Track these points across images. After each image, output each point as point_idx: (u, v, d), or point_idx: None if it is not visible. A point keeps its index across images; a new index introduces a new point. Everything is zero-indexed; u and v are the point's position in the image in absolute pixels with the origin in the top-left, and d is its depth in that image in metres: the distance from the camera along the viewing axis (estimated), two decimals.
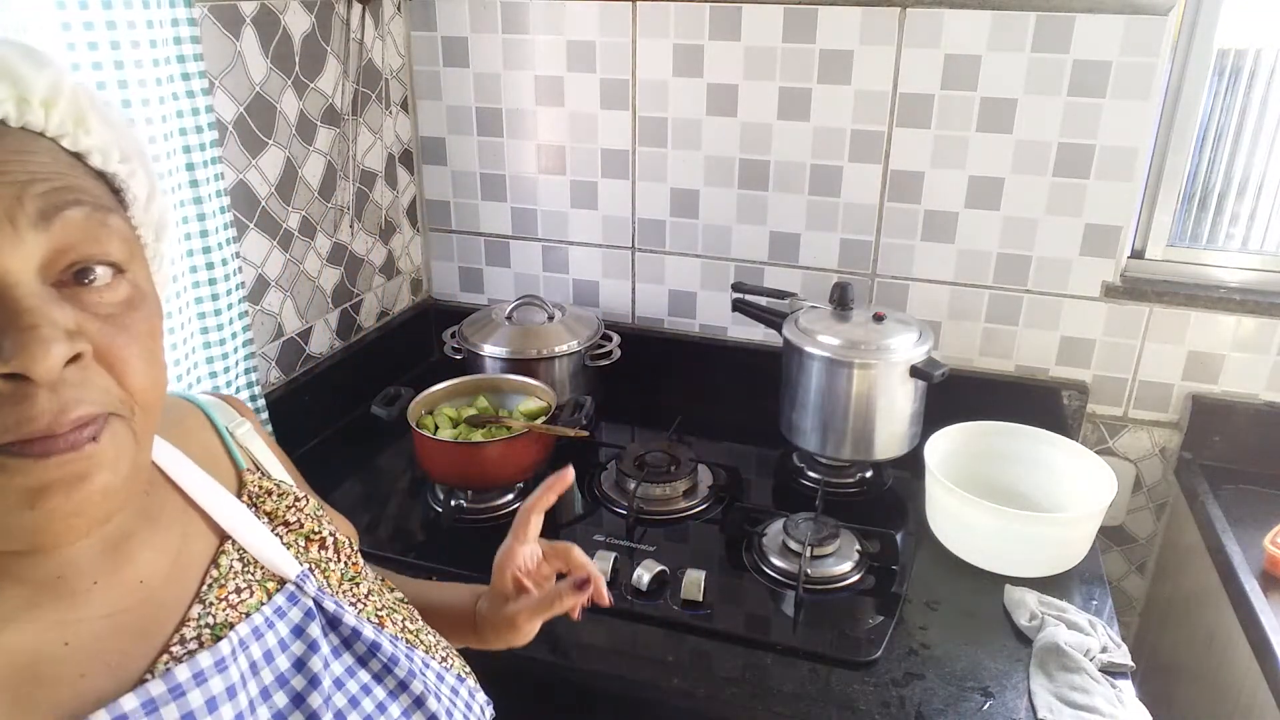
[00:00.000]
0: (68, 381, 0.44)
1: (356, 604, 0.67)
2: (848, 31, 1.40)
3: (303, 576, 0.63)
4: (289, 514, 0.68)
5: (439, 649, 0.71)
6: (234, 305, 1.19)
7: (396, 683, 0.63)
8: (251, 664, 0.56)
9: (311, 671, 0.58)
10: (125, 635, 0.53)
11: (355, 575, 0.70)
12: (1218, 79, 1.38)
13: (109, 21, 0.96)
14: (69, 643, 0.50)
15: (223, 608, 0.57)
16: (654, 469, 1.33)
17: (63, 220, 0.45)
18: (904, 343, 1.29)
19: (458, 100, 1.66)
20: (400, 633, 0.67)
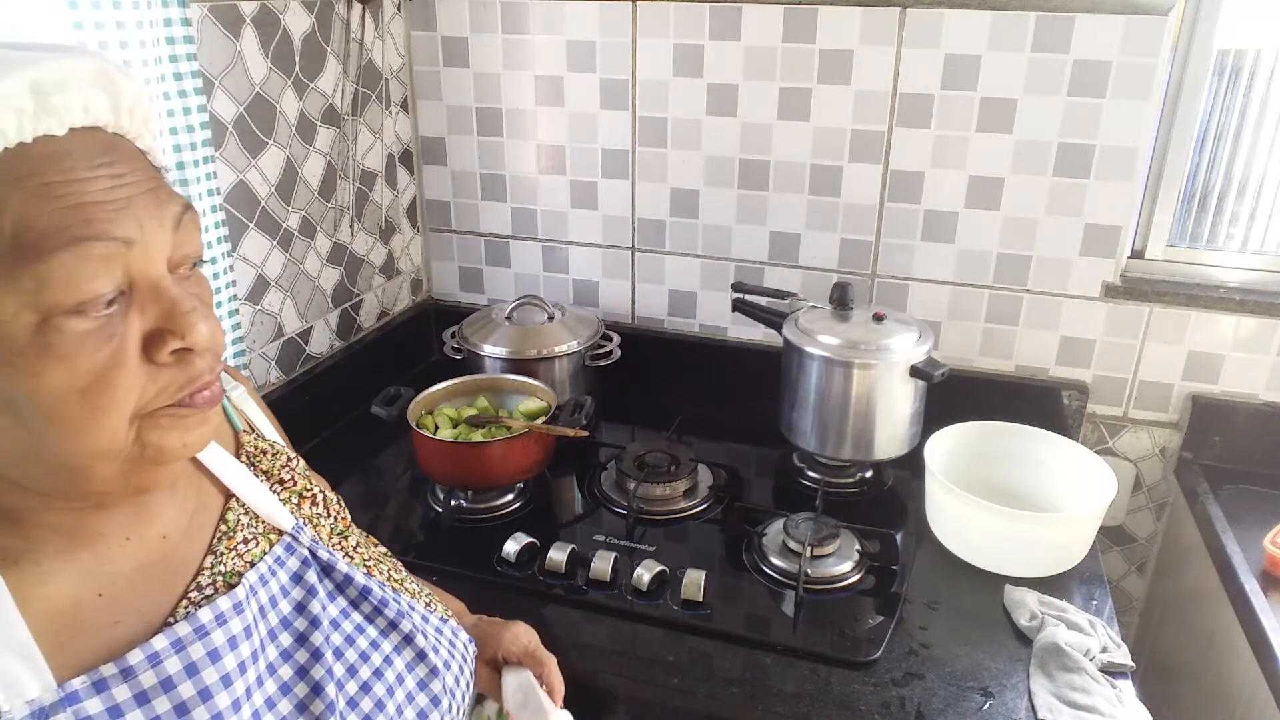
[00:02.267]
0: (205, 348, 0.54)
1: (347, 555, 0.73)
2: (848, 31, 1.40)
3: (298, 529, 0.69)
4: (283, 473, 0.73)
5: (423, 595, 0.77)
6: (224, 304, 1.19)
7: (387, 623, 0.69)
8: (260, 608, 0.62)
9: (312, 614, 0.65)
10: (152, 585, 0.58)
11: (345, 530, 0.76)
12: (1218, 79, 1.38)
13: (98, 22, 0.96)
14: (103, 593, 0.56)
15: (231, 557, 0.63)
16: (654, 469, 1.33)
17: (185, 223, 0.54)
18: (904, 343, 1.29)
19: (458, 100, 1.66)
20: (387, 580, 0.74)
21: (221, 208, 1.20)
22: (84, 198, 0.48)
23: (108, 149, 0.51)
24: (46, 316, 0.47)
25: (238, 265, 1.33)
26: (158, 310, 0.52)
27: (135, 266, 0.50)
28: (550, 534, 1.21)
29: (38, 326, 0.47)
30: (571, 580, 1.13)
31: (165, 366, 0.52)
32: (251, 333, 1.38)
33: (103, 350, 0.49)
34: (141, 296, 0.51)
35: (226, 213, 1.29)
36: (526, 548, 1.17)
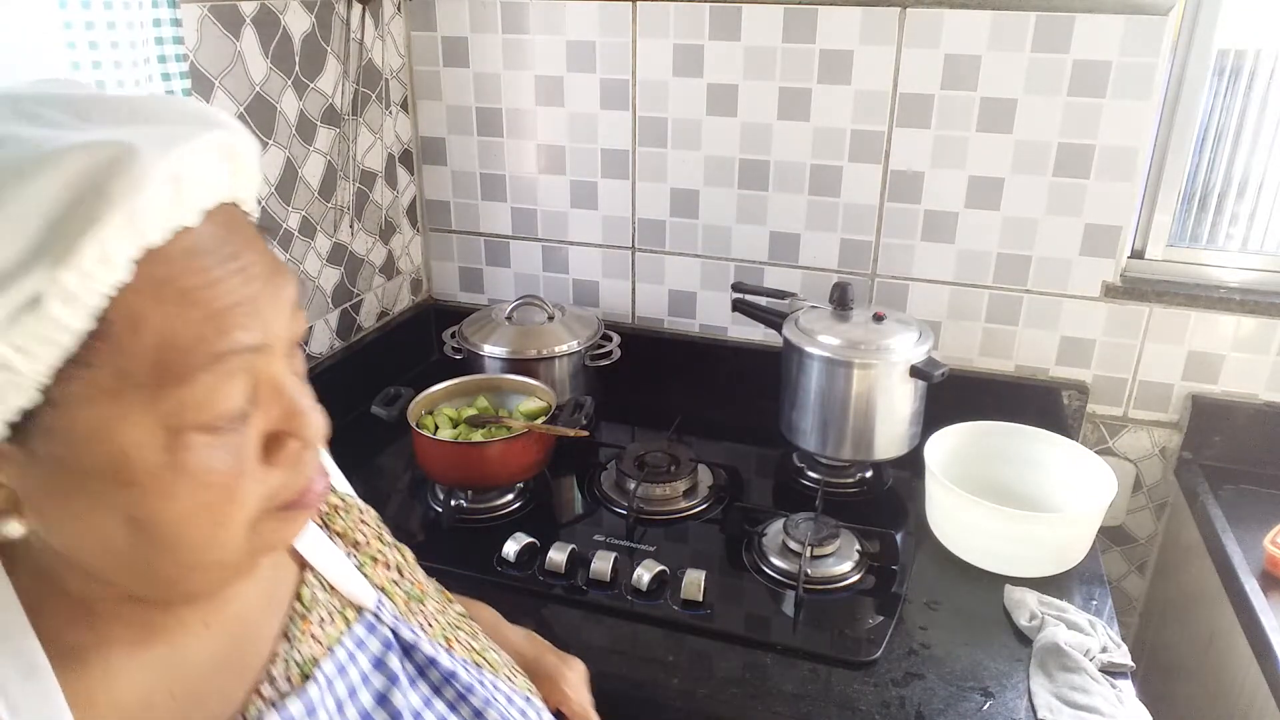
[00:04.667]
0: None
1: (425, 626, 0.66)
2: (848, 31, 1.40)
3: (379, 605, 0.62)
4: (358, 533, 0.68)
5: (504, 667, 0.70)
6: None
7: (471, 711, 0.63)
8: (338, 703, 0.56)
9: (394, 707, 0.59)
10: (224, 674, 0.54)
11: (420, 595, 0.70)
12: (1218, 79, 1.38)
13: (87, 21, 0.96)
14: (175, 692, 0.51)
15: (307, 641, 0.58)
16: (654, 469, 1.33)
17: (298, 308, 0.51)
18: (904, 343, 1.29)
19: (458, 100, 1.66)
20: (468, 654, 0.67)
21: None
22: (218, 301, 0.44)
23: (230, 230, 0.46)
24: (178, 433, 0.44)
25: None
26: (278, 410, 0.48)
27: (260, 368, 0.47)
28: (550, 534, 1.21)
29: (168, 444, 0.43)
30: (571, 580, 1.13)
31: (277, 467, 0.49)
32: None
33: (229, 462, 0.46)
34: (264, 397, 0.48)
35: None
36: (526, 548, 1.17)
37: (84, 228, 0.39)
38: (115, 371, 0.41)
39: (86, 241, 0.39)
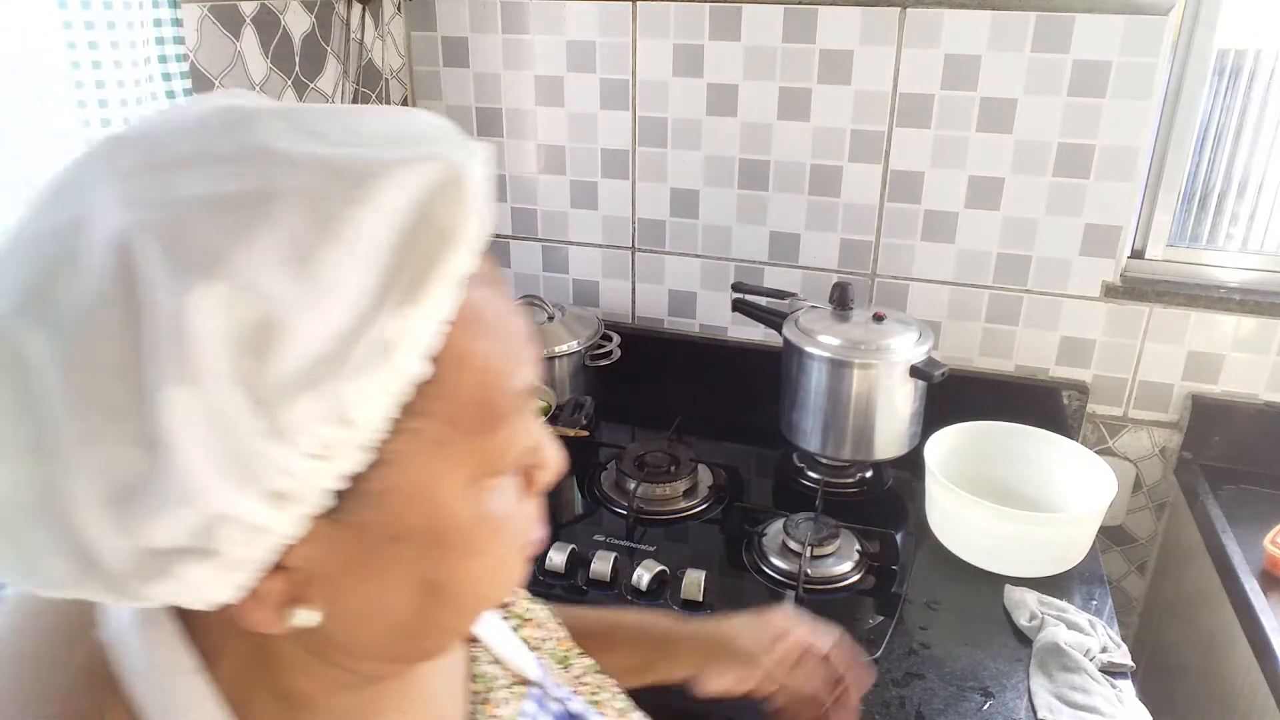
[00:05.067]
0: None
1: (577, 691, 0.61)
2: (848, 31, 1.40)
3: (544, 676, 0.58)
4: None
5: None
6: None
7: None
8: None
9: None
10: None
11: (565, 655, 0.64)
12: (1218, 79, 1.38)
13: (88, 21, 0.96)
14: None
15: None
16: (654, 469, 1.33)
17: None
18: (904, 343, 1.29)
19: (458, 100, 1.66)
20: (617, 716, 0.62)
21: None
22: (510, 333, 0.40)
23: (492, 262, 0.41)
24: (477, 482, 0.40)
25: None
26: (528, 443, 0.44)
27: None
28: (550, 534, 1.21)
29: (474, 496, 0.40)
30: (571, 580, 1.13)
31: (529, 502, 0.45)
32: None
33: (511, 505, 0.43)
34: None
35: None
36: None
37: (433, 257, 0.35)
38: (445, 419, 0.37)
39: (437, 274, 0.35)
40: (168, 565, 0.34)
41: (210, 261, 0.32)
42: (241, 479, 0.33)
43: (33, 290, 0.33)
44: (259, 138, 0.36)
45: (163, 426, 0.32)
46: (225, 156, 0.35)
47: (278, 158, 0.35)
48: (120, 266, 0.32)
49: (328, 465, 0.34)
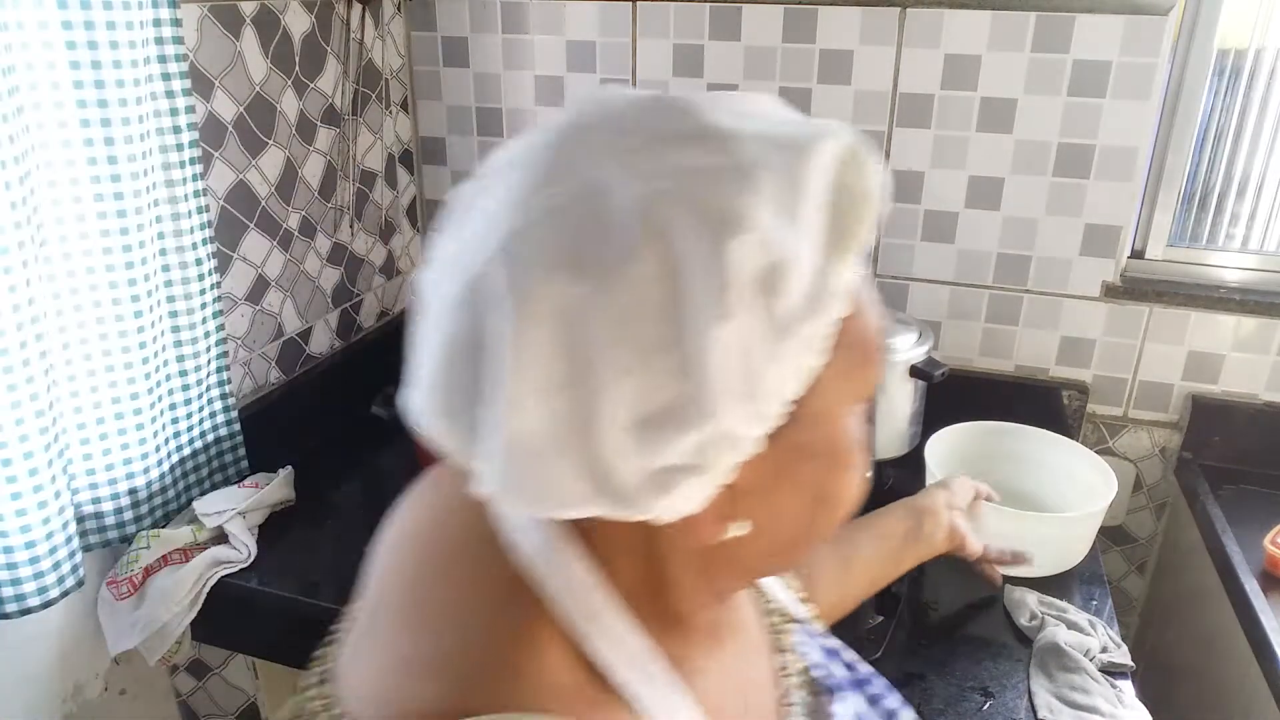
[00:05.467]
0: None
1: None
2: (848, 31, 1.40)
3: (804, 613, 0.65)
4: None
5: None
6: (208, 305, 1.19)
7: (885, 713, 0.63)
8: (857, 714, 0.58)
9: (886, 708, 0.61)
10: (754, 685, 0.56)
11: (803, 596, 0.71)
12: (1218, 79, 1.38)
13: (87, 21, 0.96)
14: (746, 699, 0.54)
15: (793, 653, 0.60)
16: None
17: None
18: (904, 343, 1.29)
19: (458, 100, 1.66)
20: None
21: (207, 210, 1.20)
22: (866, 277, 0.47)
23: None
24: (852, 409, 0.47)
25: (237, 265, 1.33)
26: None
27: None
28: None
29: (853, 421, 0.47)
30: None
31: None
32: (251, 333, 1.38)
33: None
34: None
35: (226, 213, 1.29)
36: None
37: (855, 215, 0.42)
38: (846, 351, 0.44)
39: (858, 229, 0.42)
40: (670, 480, 0.40)
41: (736, 218, 0.39)
42: (747, 400, 0.39)
43: (568, 250, 0.39)
44: (708, 120, 0.42)
45: (702, 358, 0.38)
46: (692, 135, 0.41)
47: (732, 135, 0.41)
48: (649, 226, 0.38)
49: (795, 387, 0.41)
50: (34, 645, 1.11)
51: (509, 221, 0.41)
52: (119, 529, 1.14)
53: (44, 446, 0.98)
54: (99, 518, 1.13)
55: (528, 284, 0.39)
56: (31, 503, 0.98)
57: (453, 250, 0.43)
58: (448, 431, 0.44)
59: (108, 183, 1.02)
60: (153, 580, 1.13)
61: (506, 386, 0.39)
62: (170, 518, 1.20)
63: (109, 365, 1.08)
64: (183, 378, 1.19)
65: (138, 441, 1.13)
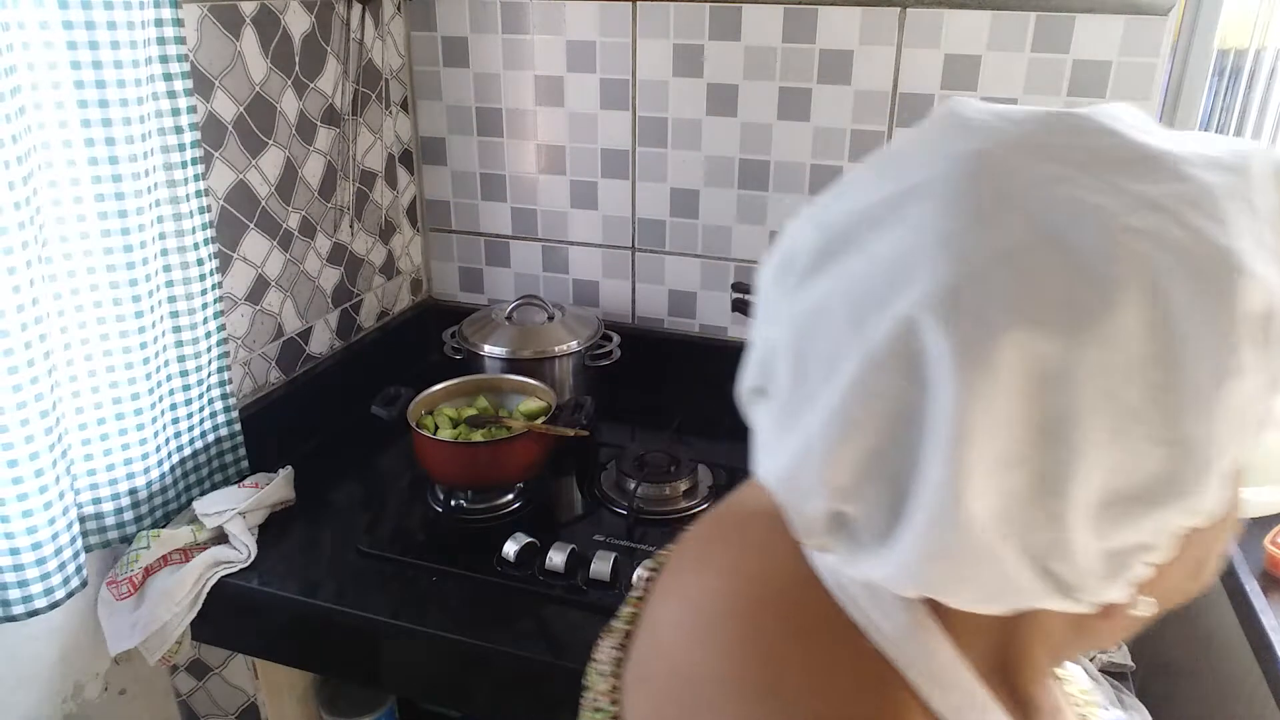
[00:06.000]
0: None
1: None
2: (848, 31, 1.40)
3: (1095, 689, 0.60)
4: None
5: None
6: (209, 305, 1.19)
7: None
8: None
9: None
10: None
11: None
12: (1218, 79, 1.38)
13: (88, 21, 0.96)
14: None
15: None
16: (654, 469, 1.33)
17: None
18: None
19: (458, 100, 1.66)
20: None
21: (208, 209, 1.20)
22: None
23: None
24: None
25: (237, 265, 1.33)
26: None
27: None
28: (550, 534, 1.21)
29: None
30: (571, 580, 1.13)
31: None
32: (251, 333, 1.38)
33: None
34: None
35: (226, 213, 1.29)
36: (526, 548, 1.17)
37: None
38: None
39: None
40: (1123, 565, 0.35)
41: (1226, 254, 0.34)
42: (1228, 468, 0.34)
43: (1030, 302, 0.33)
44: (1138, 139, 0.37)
45: (1202, 422, 0.33)
46: (1133, 159, 0.37)
47: (1176, 157, 0.37)
48: (1126, 269, 0.33)
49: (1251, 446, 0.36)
50: (34, 645, 1.11)
51: (937, 266, 0.35)
52: (119, 529, 1.14)
53: (49, 447, 0.98)
54: (99, 518, 1.13)
55: (982, 342, 0.33)
56: (38, 503, 0.98)
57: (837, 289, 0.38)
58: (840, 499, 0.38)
59: (109, 183, 1.02)
60: (153, 580, 1.13)
61: (949, 461, 0.33)
62: (170, 518, 1.20)
63: (110, 365, 1.08)
64: (183, 378, 1.19)
65: (138, 441, 1.13)
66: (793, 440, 0.39)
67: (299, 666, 1.30)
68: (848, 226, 0.39)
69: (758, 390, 0.44)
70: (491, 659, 1.06)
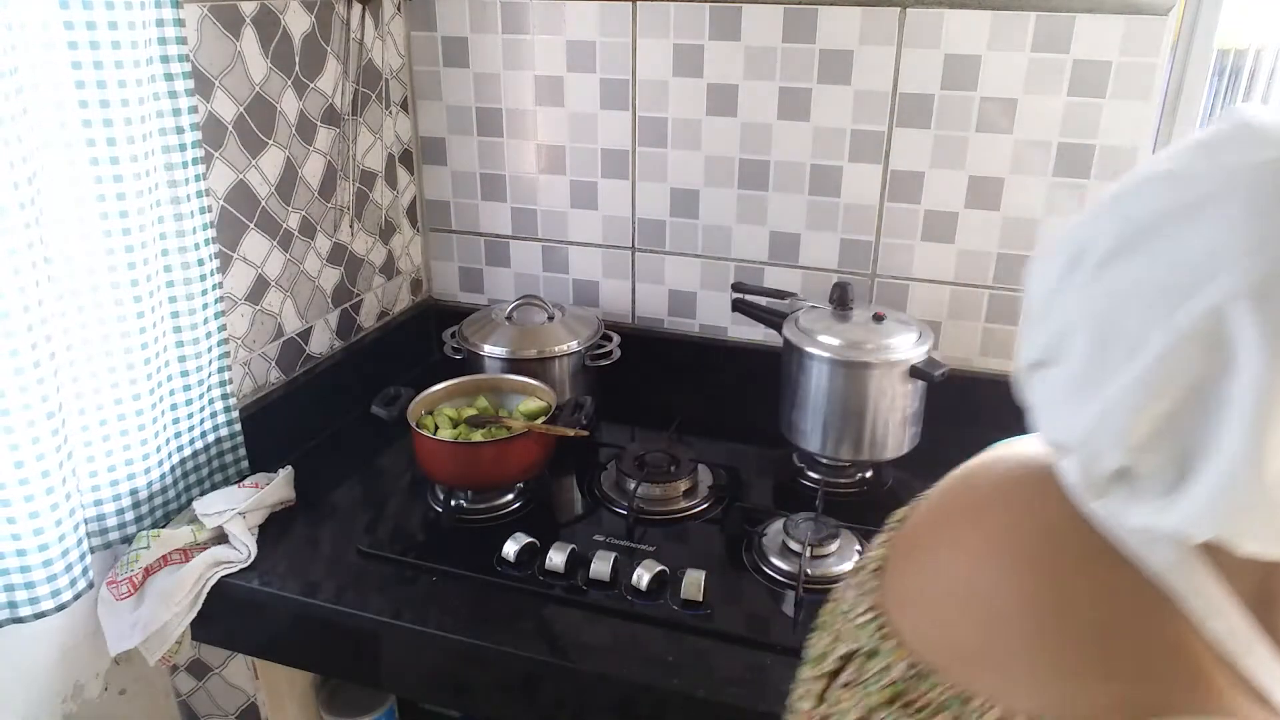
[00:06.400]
0: None
1: None
2: (848, 31, 1.40)
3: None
4: None
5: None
6: (209, 305, 1.19)
7: None
8: None
9: None
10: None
11: None
12: (1218, 79, 1.38)
13: (89, 21, 0.96)
14: None
15: None
16: (654, 469, 1.33)
17: None
18: (904, 343, 1.29)
19: (458, 100, 1.66)
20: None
21: (209, 209, 1.20)
22: None
23: None
24: None
25: (237, 265, 1.33)
26: None
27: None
28: (550, 534, 1.21)
29: None
30: (571, 580, 1.13)
31: None
32: (251, 333, 1.38)
33: None
34: None
35: (226, 213, 1.29)
36: (526, 548, 1.17)
37: None
38: None
39: None
40: None
41: None
42: None
43: None
44: None
45: None
46: None
47: None
48: None
49: None
50: (34, 645, 1.11)
51: (1248, 260, 0.40)
52: (119, 529, 1.15)
53: (55, 448, 0.99)
54: (100, 519, 1.13)
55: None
56: (44, 504, 0.98)
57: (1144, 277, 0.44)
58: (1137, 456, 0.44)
59: (110, 183, 1.02)
60: (153, 580, 1.13)
61: (1251, 429, 0.40)
62: (170, 518, 1.20)
63: (110, 365, 1.08)
64: (184, 378, 1.20)
65: (139, 442, 1.13)
66: (1092, 405, 0.45)
67: (299, 666, 1.30)
68: (1150, 223, 0.44)
69: (1039, 364, 0.51)
70: (491, 659, 1.06)
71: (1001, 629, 0.51)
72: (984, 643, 0.51)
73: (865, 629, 0.57)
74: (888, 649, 0.54)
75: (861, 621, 0.58)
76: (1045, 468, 0.54)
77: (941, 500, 0.63)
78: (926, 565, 0.59)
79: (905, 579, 0.59)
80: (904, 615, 0.56)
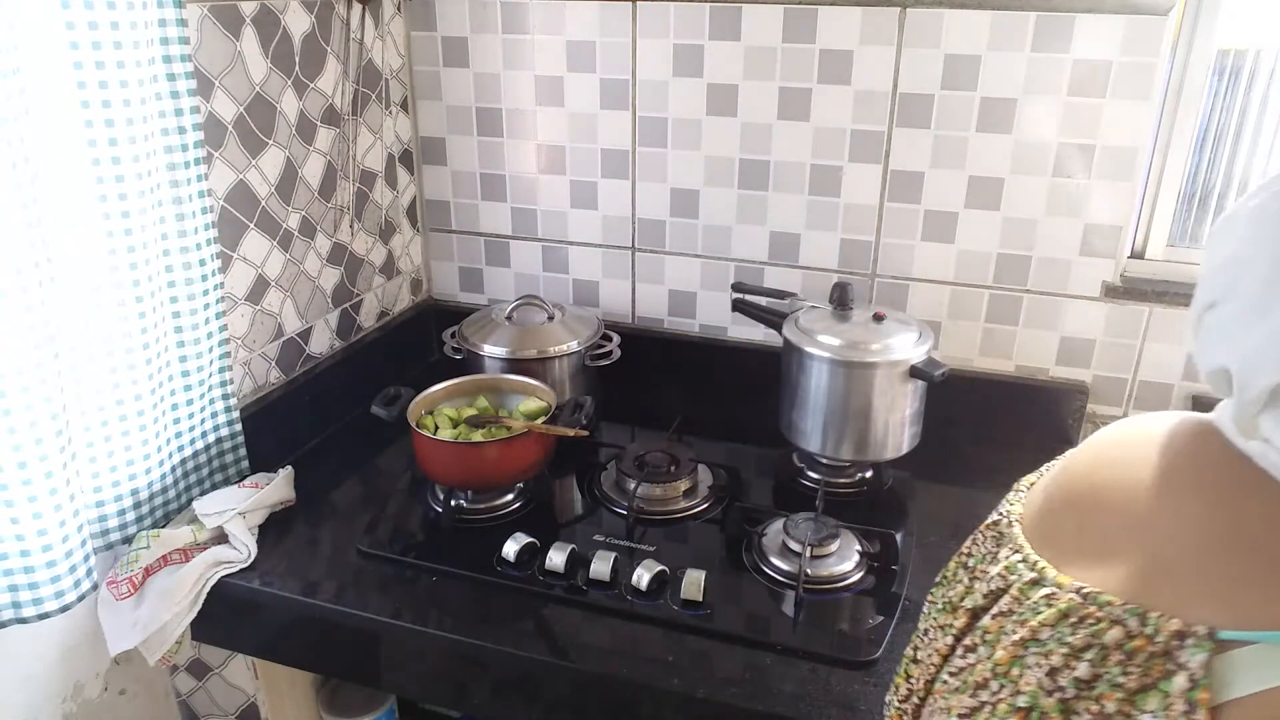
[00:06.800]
0: None
1: None
2: (848, 31, 1.40)
3: None
4: None
5: None
6: (210, 306, 1.19)
7: None
8: None
9: None
10: None
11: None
12: (1218, 79, 1.38)
13: (91, 22, 0.96)
14: None
15: None
16: (654, 469, 1.33)
17: None
18: (904, 343, 1.29)
19: (458, 100, 1.66)
20: None
21: (211, 209, 1.20)
22: None
23: None
24: None
25: (237, 265, 1.33)
26: None
27: None
28: (550, 534, 1.21)
29: None
30: (571, 580, 1.13)
31: None
32: (251, 333, 1.38)
33: None
34: None
35: (226, 213, 1.29)
36: (526, 548, 1.17)
37: None
38: None
39: None
40: None
41: None
42: None
43: None
44: None
45: None
46: None
47: None
48: None
49: None
50: (34, 645, 1.11)
51: None
52: (120, 529, 1.15)
53: (59, 449, 0.98)
54: (101, 519, 1.13)
55: None
56: (48, 505, 0.98)
57: None
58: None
59: (111, 183, 1.02)
60: (153, 580, 1.13)
61: None
62: (170, 518, 1.20)
63: (111, 365, 1.08)
64: (185, 378, 1.20)
65: (140, 442, 1.13)
66: (1261, 327, 0.48)
67: (299, 666, 1.30)
68: None
69: (1210, 305, 0.54)
70: (491, 659, 1.06)
71: (1175, 552, 0.52)
72: (1157, 565, 0.52)
73: (1017, 569, 0.58)
74: (1051, 576, 0.56)
75: (1012, 562, 0.59)
76: (1197, 420, 0.57)
77: (1093, 457, 0.64)
78: (1087, 506, 0.60)
79: (1062, 521, 0.60)
80: (1063, 552, 0.57)
